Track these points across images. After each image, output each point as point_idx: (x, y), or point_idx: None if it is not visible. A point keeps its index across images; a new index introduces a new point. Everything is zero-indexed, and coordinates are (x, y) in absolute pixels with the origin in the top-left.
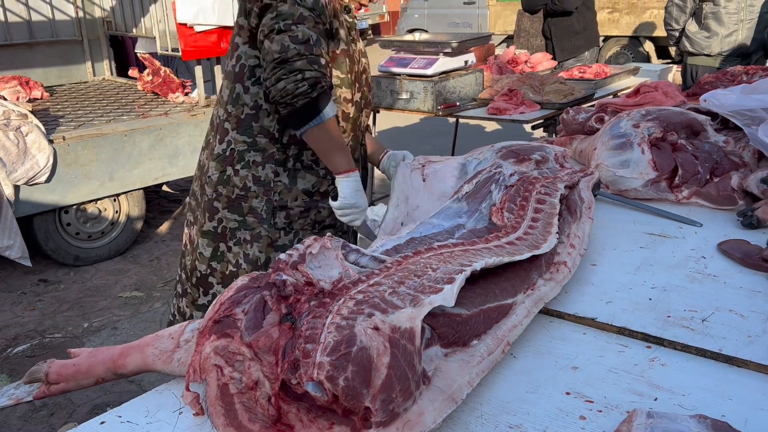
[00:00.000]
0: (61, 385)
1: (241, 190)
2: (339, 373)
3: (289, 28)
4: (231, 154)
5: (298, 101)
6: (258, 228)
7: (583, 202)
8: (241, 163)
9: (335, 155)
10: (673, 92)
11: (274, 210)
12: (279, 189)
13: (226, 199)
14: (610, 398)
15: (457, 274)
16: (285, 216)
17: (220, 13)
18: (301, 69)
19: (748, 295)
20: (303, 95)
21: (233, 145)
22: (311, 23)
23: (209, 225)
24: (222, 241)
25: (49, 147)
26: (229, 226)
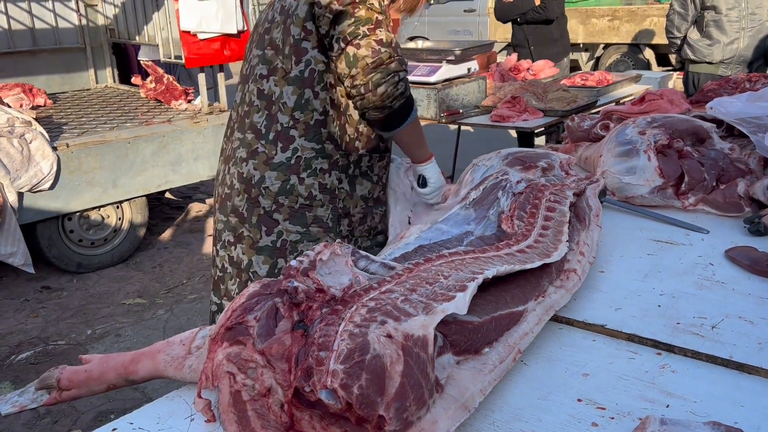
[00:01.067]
0: (72, 391)
1: (305, 198)
2: (353, 381)
3: (374, 32)
4: (297, 162)
5: (396, 103)
6: (323, 237)
7: (591, 210)
8: (307, 171)
9: (422, 145)
10: (678, 100)
11: (339, 218)
12: (342, 196)
13: (288, 210)
14: (621, 405)
15: (469, 282)
16: (348, 223)
17: (223, 20)
18: (396, 71)
19: (756, 301)
20: (401, 96)
21: (300, 153)
22: (386, 26)
23: (266, 240)
24: (281, 257)
25: (52, 154)
26: (290, 239)
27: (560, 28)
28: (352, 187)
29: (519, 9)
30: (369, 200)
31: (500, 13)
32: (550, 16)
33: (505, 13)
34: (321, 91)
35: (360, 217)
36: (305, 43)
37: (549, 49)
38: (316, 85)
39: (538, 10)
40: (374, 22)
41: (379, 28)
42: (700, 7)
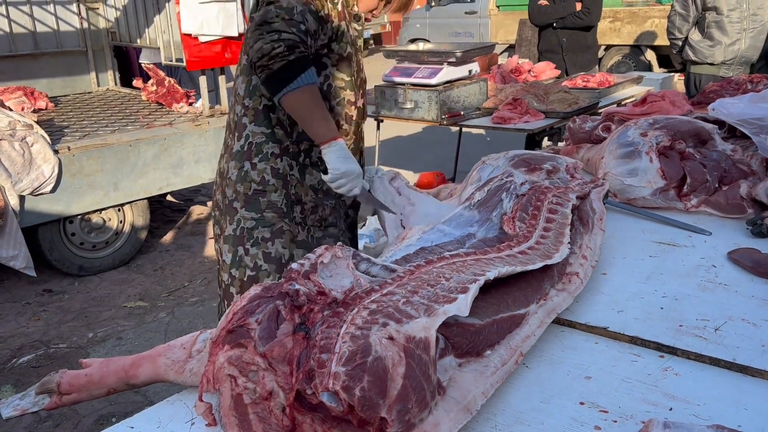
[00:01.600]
0: (73, 395)
1: (258, 184)
2: (355, 384)
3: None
4: (249, 148)
5: (274, 63)
6: (279, 223)
7: (594, 213)
8: (259, 156)
9: (315, 123)
10: (680, 101)
11: (292, 204)
12: (294, 182)
13: (244, 197)
14: (624, 408)
15: (470, 284)
16: (300, 210)
17: (224, 23)
18: (279, 30)
19: (760, 304)
20: (279, 57)
21: (251, 138)
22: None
23: (230, 229)
24: (240, 245)
25: (54, 157)
26: (246, 225)
27: (593, 36)
28: (302, 175)
29: (557, 13)
30: (318, 191)
31: (536, 16)
32: (592, 22)
33: (542, 16)
34: None
35: (312, 206)
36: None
37: (582, 56)
38: None
39: (579, 15)
40: None
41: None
42: (702, 8)
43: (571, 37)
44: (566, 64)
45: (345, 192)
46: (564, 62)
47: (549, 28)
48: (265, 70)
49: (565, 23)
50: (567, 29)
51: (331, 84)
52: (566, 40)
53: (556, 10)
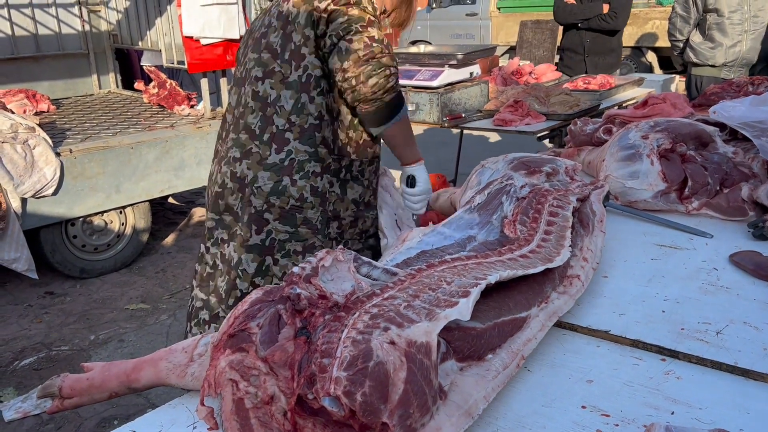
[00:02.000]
0: (74, 399)
1: (297, 200)
2: (356, 388)
3: (366, 29)
4: (290, 164)
5: (387, 96)
6: (311, 239)
7: (595, 215)
8: (300, 173)
9: (412, 145)
10: (681, 104)
11: (329, 220)
12: (333, 199)
13: (279, 210)
14: (626, 412)
15: (472, 288)
16: (337, 226)
17: (226, 26)
18: (388, 65)
19: (761, 307)
20: (392, 90)
21: (294, 155)
22: (377, 27)
23: (256, 238)
24: (269, 255)
25: (56, 160)
26: (278, 238)
27: (618, 39)
28: (343, 190)
29: (583, 14)
30: (360, 204)
31: (561, 14)
32: (618, 26)
33: (567, 15)
34: (317, 96)
35: (351, 221)
36: (304, 49)
37: (605, 59)
38: (313, 90)
39: (606, 19)
40: (366, 21)
41: (372, 26)
42: (703, 10)
43: (595, 39)
44: (587, 65)
45: (418, 208)
46: (585, 63)
47: (573, 28)
48: (377, 102)
49: (590, 24)
50: (592, 31)
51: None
52: (589, 41)
53: (582, 10)
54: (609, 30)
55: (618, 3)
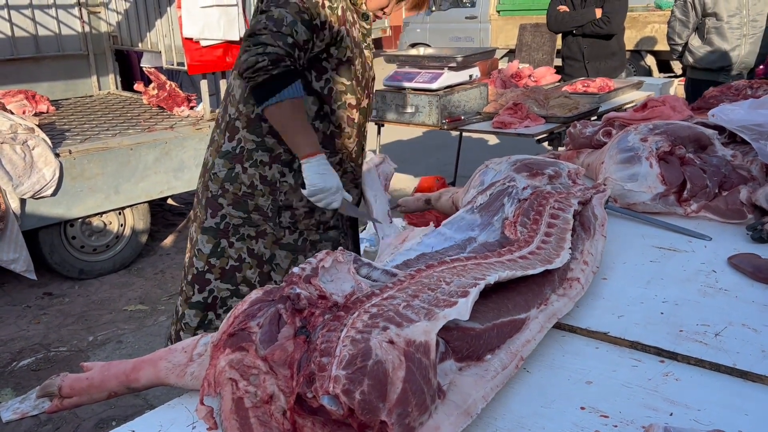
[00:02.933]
0: (74, 399)
1: (248, 187)
2: (355, 387)
3: (269, 9)
4: (240, 152)
5: (258, 76)
6: (263, 225)
7: (596, 219)
8: (249, 162)
9: (296, 137)
10: (680, 106)
11: (280, 209)
12: (285, 189)
13: (233, 196)
14: (625, 413)
15: (471, 288)
16: (290, 216)
17: (226, 28)
18: (265, 43)
19: (760, 309)
20: (263, 70)
21: (243, 144)
22: (294, 9)
23: (211, 221)
24: (224, 237)
25: (55, 161)
26: (232, 222)
27: (619, 42)
28: (297, 181)
29: (576, 21)
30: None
31: (554, 23)
32: (612, 30)
33: (560, 23)
34: None
35: (305, 211)
36: None
37: (606, 63)
38: None
39: (599, 24)
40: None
41: (282, 7)
42: (702, 14)
43: (592, 44)
44: (588, 71)
45: (324, 206)
46: (586, 70)
47: (570, 35)
48: (250, 82)
49: (584, 31)
50: (587, 37)
51: (332, 88)
52: (587, 47)
53: (574, 17)
54: (604, 35)
55: (611, 7)
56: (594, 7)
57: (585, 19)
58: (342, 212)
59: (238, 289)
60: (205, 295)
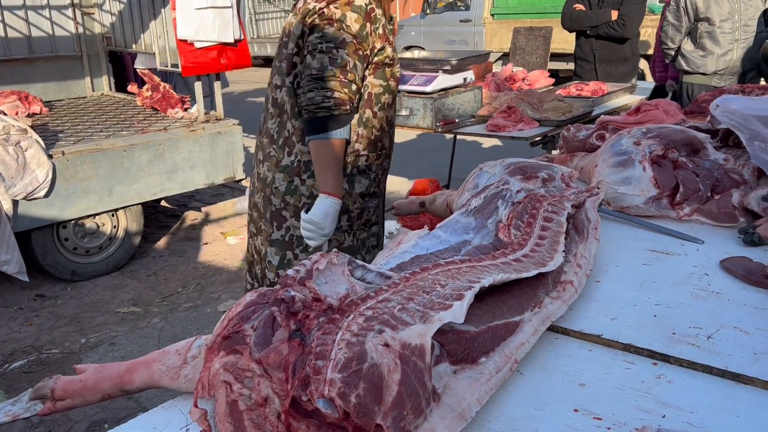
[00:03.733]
0: (67, 401)
1: (308, 198)
2: (350, 390)
3: (330, 51)
4: (298, 165)
5: (319, 112)
6: None
7: (590, 222)
8: (307, 173)
9: (328, 174)
10: (673, 110)
11: (339, 214)
12: (342, 194)
13: (294, 208)
14: (618, 415)
15: (466, 291)
16: (347, 219)
17: (220, 30)
18: (333, 89)
19: (752, 312)
20: (325, 109)
21: (300, 157)
22: (352, 49)
23: (277, 234)
24: (289, 249)
25: (48, 162)
26: (296, 234)
27: (632, 47)
28: (351, 185)
29: (592, 20)
30: (366, 196)
31: (568, 21)
32: (627, 34)
33: (575, 22)
34: None
35: (358, 213)
36: (296, 58)
37: (618, 68)
38: None
39: (614, 26)
40: (339, 41)
41: (342, 48)
42: (694, 19)
43: (604, 47)
44: (598, 74)
45: (307, 239)
46: (596, 72)
47: (583, 36)
48: (309, 113)
49: (598, 32)
50: (600, 38)
51: (370, 93)
52: (599, 50)
53: (589, 17)
54: (618, 38)
55: (627, 10)
56: (611, 8)
57: (600, 19)
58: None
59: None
60: None
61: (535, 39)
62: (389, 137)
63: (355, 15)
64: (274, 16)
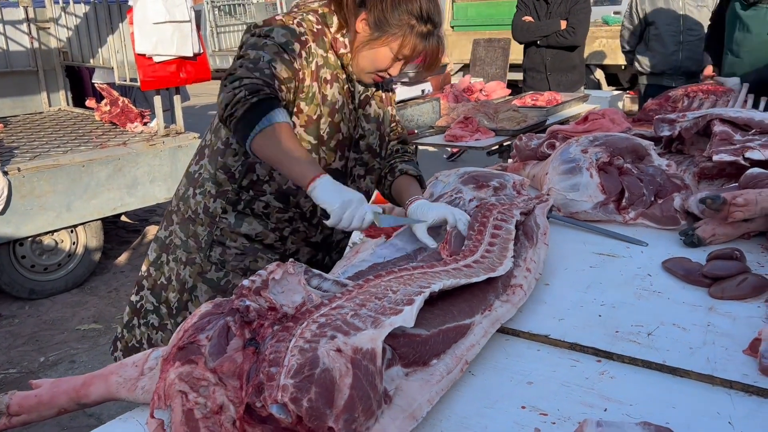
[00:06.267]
0: (22, 416)
1: (192, 213)
2: (303, 395)
3: (246, 53)
4: (197, 178)
5: (237, 110)
6: (195, 254)
7: (539, 228)
8: (200, 189)
9: (293, 164)
10: (619, 119)
11: (212, 243)
12: (222, 225)
13: (181, 215)
14: (563, 410)
15: (416, 296)
16: (220, 252)
17: (179, 44)
18: (240, 77)
19: (689, 309)
20: (242, 102)
21: (201, 170)
22: (273, 50)
23: (162, 232)
24: (165, 252)
25: (3, 179)
26: (174, 241)
27: (579, 56)
28: (237, 222)
29: (541, 31)
30: (255, 242)
31: (519, 33)
32: (577, 42)
33: (525, 33)
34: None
35: (237, 253)
36: None
37: (567, 76)
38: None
39: (564, 35)
40: (258, 45)
41: (256, 49)
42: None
43: (555, 56)
44: (549, 83)
45: (357, 227)
46: (547, 81)
47: (533, 46)
48: (232, 119)
49: (548, 42)
50: (551, 48)
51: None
52: (550, 59)
53: (540, 27)
54: (568, 46)
55: (576, 18)
56: (559, 18)
57: (550, 29)
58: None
59: (158, 307)
60: (137, 299)
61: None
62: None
63: (284, 31)
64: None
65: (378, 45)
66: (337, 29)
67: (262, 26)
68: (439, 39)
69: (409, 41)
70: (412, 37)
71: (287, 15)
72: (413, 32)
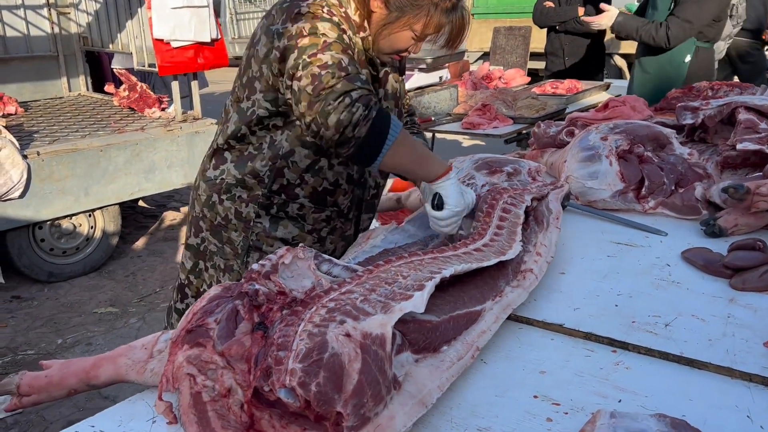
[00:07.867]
0: (32, 397)
1: (223, 219)
2: (311, 379)
3: (315, 57)
4: (220, 184)
5: (360, 130)
6: (232, 261)
7: (550, 213)
8: (226, 195)
9: (423, 166)
10: (640, 107)
11: (249, 249)
12: (257, 230)
13: (210, 222)
14: (576, 401)
15: (426, 281)
16: (258, 257)
17: (197, 29)
18: (345, 91)
19: (709, 300)
20: (363, 121)
21: (224, 176)
22: (338, 48)
23: (193, 240)
24: (202, 259)
25: (23, 162)
26: (209, 248)
27: (599, 42)
28: (272, 226)
29: (560, 16)
30: (290, 244)
31: (539, 17)
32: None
33: (545, 18)
34: (259, 131)
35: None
36: (257, 83)
37: (584, 62)
38: (254, 125)
39: (580, 22)
40: (320, 46)
41: (326, 51)
42: None
43: (573, 42)
44: (566, 68)
45: (449, 231)
46: (565, 66)
47: (553, 32)
48: (353, 141)
49: (566, 27)
50: (569, 34)
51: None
52: (568, 45)
53: (558, 13)
54: (584, 33)
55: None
56: (577, 5)
57: (568, 15)
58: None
59: None
60: (183, 307)
61: (514, 38)
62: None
63: (328, 24)
64: (255, 17)
65: (399, 28)
66: (355, 11)
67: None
68: (463, 11)
69: (433, 20)
70: (436, 14)
71: (312, 4)
72: (437, 9)
